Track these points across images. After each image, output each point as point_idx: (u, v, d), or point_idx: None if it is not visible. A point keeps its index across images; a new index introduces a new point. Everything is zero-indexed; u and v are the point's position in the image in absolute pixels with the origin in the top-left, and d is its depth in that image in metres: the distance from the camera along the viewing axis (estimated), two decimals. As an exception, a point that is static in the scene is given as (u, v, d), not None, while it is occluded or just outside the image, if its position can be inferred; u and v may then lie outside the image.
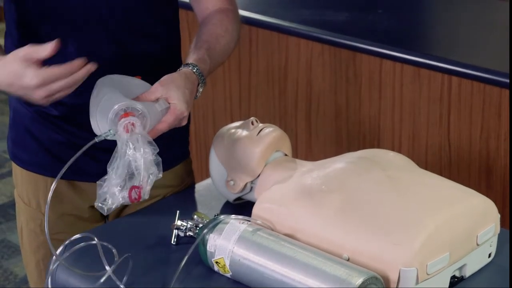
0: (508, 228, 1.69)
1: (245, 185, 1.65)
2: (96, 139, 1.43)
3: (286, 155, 1.68)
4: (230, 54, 1.72)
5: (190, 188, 1.84)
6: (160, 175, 1.41)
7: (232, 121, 1.78)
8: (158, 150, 1.41)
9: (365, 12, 2.64)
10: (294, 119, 2.60)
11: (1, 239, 3.38)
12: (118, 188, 1.38)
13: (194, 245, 1.45)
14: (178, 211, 1.56)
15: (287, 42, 2.54)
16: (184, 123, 1.52)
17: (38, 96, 1.38)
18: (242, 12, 2.58)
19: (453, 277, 1.44)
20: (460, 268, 1.45)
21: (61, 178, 1.74)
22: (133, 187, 1.38)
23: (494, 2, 2.82)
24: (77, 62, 1.39)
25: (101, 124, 1.45)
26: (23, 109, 1.73)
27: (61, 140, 1.71)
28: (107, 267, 1.41)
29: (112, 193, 1.38)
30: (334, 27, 2.49)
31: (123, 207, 1.80)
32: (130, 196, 1.39)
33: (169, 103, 1.49)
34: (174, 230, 1.56)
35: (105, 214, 1.40)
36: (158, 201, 1.80)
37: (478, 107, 2.19)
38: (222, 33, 1.67)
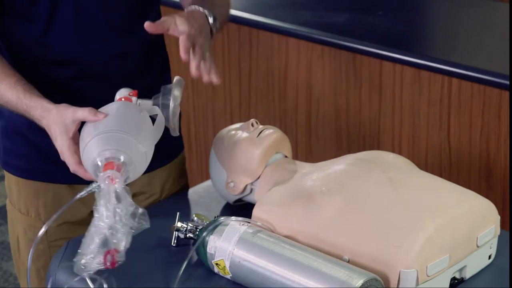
0: (508, 229, 1.69)
1: (245, 186, 1.65)
2: (79, 196, 1.41)
3: (286, 156, 1.68)
4: (227, 18, 1.70)
5: (190, 189, 1.84)
6: (147, 225, 1.33)
7: (232, 123, 1.77)
8: (134, 205, 1.33)
9: (365, 13, 2.64)
10: (294, 120, 2.60)
11: (0, 241, 3.37)
12: (93, 253, 1.30)
13: (194, 247, 1.45)
14: (178, 213, 1.56)
15: (287, 44, 2.54)
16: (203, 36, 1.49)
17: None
18: (242, 14, 2.59)
19: (453, 278, 1.44)
20: (460, 270, 1.45)
21: (62, 182, 1.75)
22: (107, 252, 1.29)
23: (494, 3, 2.82)
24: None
25: (88, 169, 1.43)
26: (17, 116, 1.72)
27: None
28: None
29: (87, 258, 1.30)
30: (334, 29, 2.49)
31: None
32: (105, 262, 1.30)
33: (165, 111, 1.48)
34: (174, 232, 1.56)
35: (82, 276, 1.34)
36: (157, 202, 1.80)
37: (478, 109, 2.19)
38: None
